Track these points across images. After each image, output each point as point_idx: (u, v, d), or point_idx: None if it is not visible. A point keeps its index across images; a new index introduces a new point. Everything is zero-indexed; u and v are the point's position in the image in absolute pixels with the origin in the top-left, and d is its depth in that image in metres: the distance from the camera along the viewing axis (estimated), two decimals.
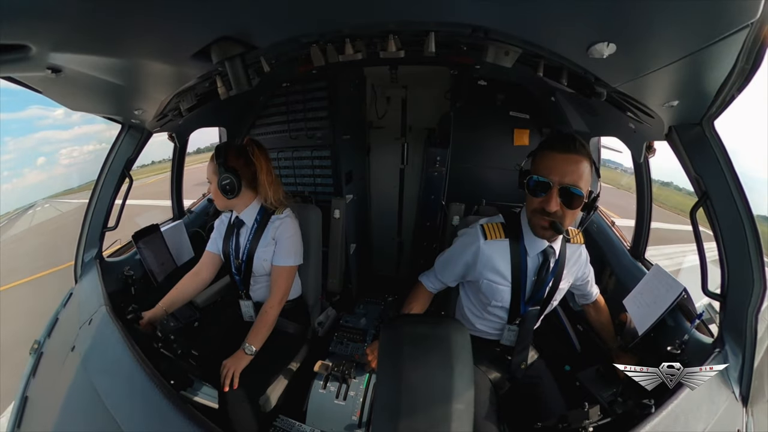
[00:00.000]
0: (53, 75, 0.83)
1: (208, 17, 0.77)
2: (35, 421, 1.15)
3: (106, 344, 1.12)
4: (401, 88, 2.70)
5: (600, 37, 0.74)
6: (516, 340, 1.39)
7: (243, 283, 1.70)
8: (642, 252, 1.70)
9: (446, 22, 0.89)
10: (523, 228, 1.30)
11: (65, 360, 1.19)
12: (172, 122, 1.66)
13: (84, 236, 1.59)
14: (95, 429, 0.92)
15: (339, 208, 2.26)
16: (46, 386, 1.23)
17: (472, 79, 2.16)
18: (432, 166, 2.43)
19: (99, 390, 0.97)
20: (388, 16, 0.89)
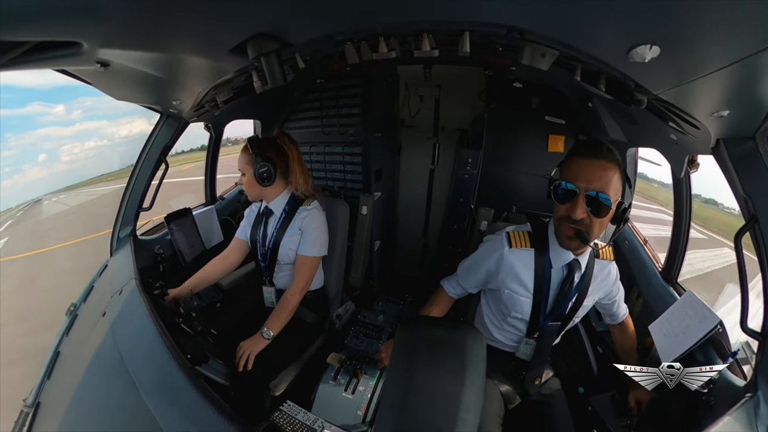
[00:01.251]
0: (102, 69, 0.90)
1: (245, 14, 0.81)
2: (64, 374, 1.25)
3: (132, 314, 1.20)
4: (435, 87, 2.68)
5: (642, 39, 0.69)
6: (532, 355, 1.34)
7: (267, 270, 1.77)
8: (675, 275, 1.57)
9: (481, 22, 0.87)
10: (550, 238, 1.25)
11: (96, 324, 1.29)
12: (208, 113, 1.75)
13: (121, 215, 1.72)
14: (116, 388, 0.99)
15: (367, 205, 2.30)
16: (77, 345, 1.34)
17: (507, 80, 2.10)
18: (463, 168, 2.38)
19: (123, 354, 1.05)
20: (422, 15, 0.89)
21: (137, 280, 1.38)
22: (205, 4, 0.75)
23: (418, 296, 2.23)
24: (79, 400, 1.05)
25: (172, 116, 1.67)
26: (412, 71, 2.59)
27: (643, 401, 1.30)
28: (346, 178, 2.54)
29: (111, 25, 0.71)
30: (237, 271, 1.95)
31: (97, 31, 0.71)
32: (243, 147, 1.66)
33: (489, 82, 2.29)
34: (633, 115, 1.42)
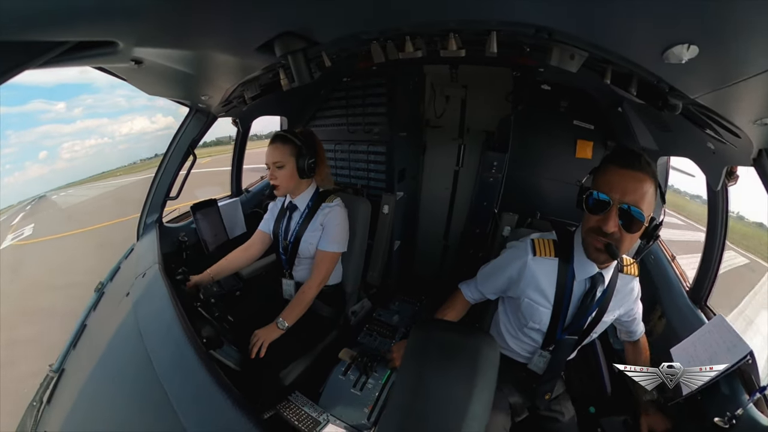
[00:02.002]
0: (135, 66, 0.97)
1: (272, 14, 0.83)
2: (88, 345, 1.34)
3: (153, 296, 1.26)
4: (461, 87, 2.63)
5: (679, 38, 0.65)
6: (545, 368, 1.30)
7: (288, 262, 1.81)
8: (704, 297, 1.46)
9: (508, 22, 0.84)
10: (575, 249, 1.20)
11: (120, 302, 1.36)
12: (236, 108, 1.81)
13: (148, 202, 1.82)
14: (133, 364, 1.04)
15: (389, 204, 2.30)
16: (102, 320, 1.42)
17: (535, 82, 2.04)
18: (488, 171, 2.33)
19: (142, 333, 1.10)
20: (448, 14, 0.88)
21: (160, 265, 1.45)
22: (234, 3, 0.77)
23: (435, 299, 2.20)
24: (98, 371, 1.12)
25: (201, 111, 1.74)
26: (439, 71, 2.57)
27: (658, 431, 1.23)
28: (370, 176, 2.55)
29: (145, 25, 0.75)
30: (258, 261, 2.00)
31: (132, 31, 0.76)
32: (281, 138, 1.68)
33: (516, 83, 2.23)
34: (666, 122, 1.33)
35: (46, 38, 0.58)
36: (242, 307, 1.79)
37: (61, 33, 0.60)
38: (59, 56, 0.62)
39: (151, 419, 0.88)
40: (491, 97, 2.56)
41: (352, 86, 2.39)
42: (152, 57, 0.97)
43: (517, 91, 2.23)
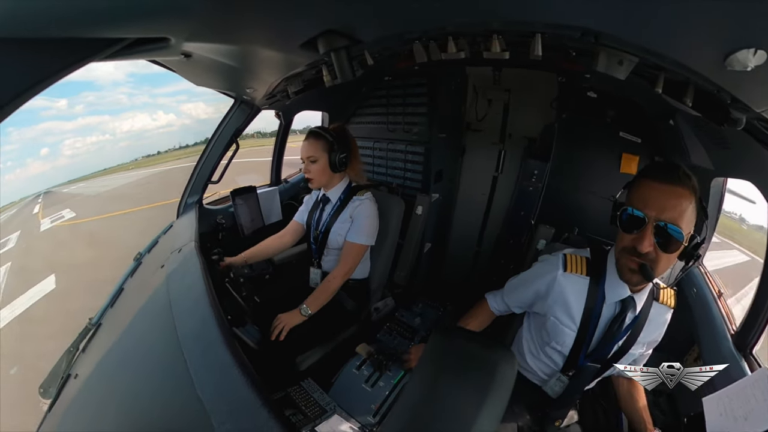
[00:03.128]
0: (185, 59, 1.04)
1: (316, 12, 0.85)
2: (123, 307, 1.45)
3: (186, 271, 1.34)
4: (504, 91, 2.53)
5: (745, 42, 0.58)
6: (561, 393, 1.22)
7: (317, 252, 1.89)
8: (751, 345, 1.26)
9: (553, 23, 0.80)
10: (608, 269, 1.12)
11: (155, 272, 1.47)
12: (279, 102, 1.90)
13: (190, 184, 1.96)
14: (160, 329, 1.11)
15: (423, 205, 2.29)
16: (137, 287, 1.55)
17: (581, 89, 1.92)
18: (527, 180, 2.24)
19: (171, 302, 1.17)
20: (492, 15, 0.86)
21: (196, 243, 1.54)
22: (279, 2, 0.80)
23: (460, 306, 2.15)
24: (129, 331, 1.22)
25: (245, 102, 1.85)
26: (481, 73, 2.49)
27: None
28: (406, 176, 2.54)
29: (194, 22, 0.81)
30: (290, 249, 2.09)
31: (183, 27, 0.81)
32: (314, 135, 1.76)
33: (561, 89, 2.10)
34: (725, 138, 1.18)
35: (109, 35, 0.64)
36: (270, 290, 1.88)
37: (121, 31, 0.66)
38: (119, 51, 0.69)
39: (169, 381, 0.94)
40: (535, 103, 2.44)
41: (393, 85, 2.40)
42: (200, 51, 1.04)
43: (562, 98, 2.10)
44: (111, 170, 21.01)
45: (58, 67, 0.57)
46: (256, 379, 0.86)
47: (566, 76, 1.98)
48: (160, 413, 0.88)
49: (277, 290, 1.93)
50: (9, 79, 0.50)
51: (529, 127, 2.52)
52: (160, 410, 0.89)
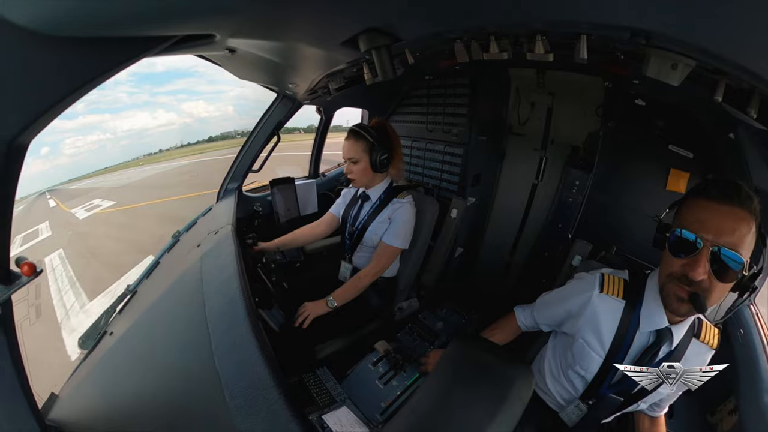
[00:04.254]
0: (230, 54, 1.11)
1: (358, 10, 0.86)
2: (158, 279, 1.56)
3: (220, 251, 1.42)
4: (548, 95, 2.38)
5: None
6: (577, 423, 1.15)
7: (350, 248, 1.91)
8: None
9: (600, 24, 0.75)
10: (646, 294, 1.03)
11: (190, 251, 1.58)
12: (320, 98, 1.96)
13: (232, 171, 2.08)
14: (189, 303, 1.18)
15: (458, 208, 2.25)
16: (173, 262, 1.66)
17: (628, 95, 1.76)
18: (568, 190, 2.11)
19: (203, 280, 1.25)
20: (535, 15, 0.82)
21: (233, 226, 1.63)
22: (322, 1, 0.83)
23: (486, 316, 2.07)
24: (161, 300, 1.32)
25: (288, 97, 1.93)
26: (525, 75, 2.37)
27: None
28: (443, 177, 2.51)
29: (239, 19, 0.85)
30: (322, 240, 2.15)
31: (228, 25, 0.86)
32: (355, 134, 1.74)
33: (608, 95, 1.94)
34: None
35: (160, 33, 0.70)
36: (299, 278, 1.95)
37: (171, 29, 0.72)
38: (168, 47, 0.76)
39: (191, 350, 1.01)
40: (579, 109, 2.27)
41: (434, 84, 2.37)
42: (244, 47, 1.10)
43: (608, 105, 1.95)
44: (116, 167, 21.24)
45: (115, 63, 0.63)
46: (273, 360, 0.89)
47: (613, 80, 1.83)
48: (178, 378, 0.95)
49: (306, 279, 2.00)
50: (70, 74, 0.56)
51: (573, 135, 2.36)
52: (179, 376, 0.95)
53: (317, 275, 2.04)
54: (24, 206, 17.52)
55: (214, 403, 0.81)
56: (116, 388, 1.05)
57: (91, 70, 0.60)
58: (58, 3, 0.49)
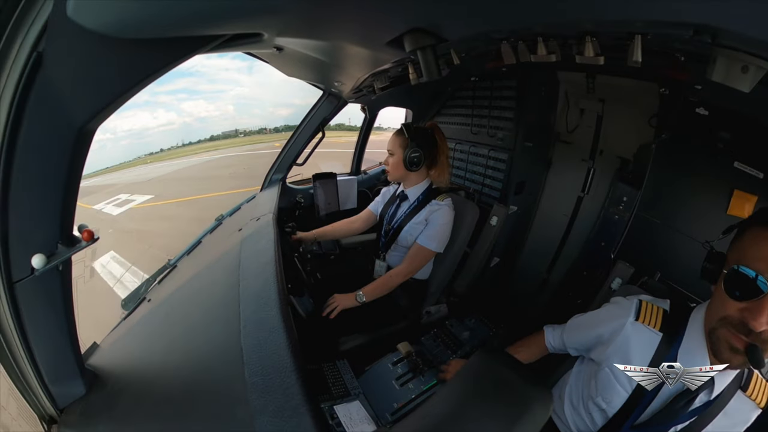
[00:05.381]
0: (277, 52, 1.17)
1: (403, 9, 0.86)
2: (197, 256, 1.68)
3: (260, 236, 1.50)
4: (598, 101, 2.19)
5: None
6: None
7: (385, 246, 1.92)
8: None
9: (657, 21, 0.68)
10: (688, 330, 0.92)
11: (231, 234, 1.68)
12: (365, 96, 1.99)
13: (277, 163, 2.20)
14: (225, 282, 1.25)
15: (498, 216, 2.17)
16: (214, 243, 1.78)
17: (687, 103, 1.54)
18: (614, 206, 1.95)
19: (241, 262, 1.32)
20: (583, 13, 0.76)
21: (274, 215, 1.71)
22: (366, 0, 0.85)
23: (513, 330, 1.98)
24: (199, 276, 1.43)
25: (333, 95, 1.99)
26: (574, 79, 2.20)
27: None
28: (485, 182, 2.44)
29: (285, 18, 0.89)
30: (358, 236, 2.19)
31: (275, 24, 0.91)
32: (398, 129, 1.80)
33: (663, 103, 1.73)
34: None
35: (210, 33, 0.76)
36: (332, 270, 2.01)
37: (221, 28, 0.77)
38: (218, 45, 0.82)
39: (220, 325, 1.07)
40: (632, 118, 2.05)
41: (480, 86, 2.30)
42: (291, 45, 1.15)
43: (664, 114, 1.74)
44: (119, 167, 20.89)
45: (169, 60, 0.70)
46: (296, 345, 0.92)
47: (671, 86, 1.63)
48: (204, 349, 1.02)
49: (339, 271, 2.05)
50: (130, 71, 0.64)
51: (624, 146, 2.15)
52: (205, 347, 1.02)
53: (350, 269, 2.09)
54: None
55: (233, 377, 0.85)
56: (148, 347, 1.16)
57: (149, 67, 0.67)
58: (122, 10, 0.56)
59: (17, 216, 0.64)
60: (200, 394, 0.87)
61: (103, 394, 0.91)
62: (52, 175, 0.64)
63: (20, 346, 0.74)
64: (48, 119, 0.60)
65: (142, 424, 0.85)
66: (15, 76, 0.54)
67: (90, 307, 3.48)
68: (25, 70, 0.54)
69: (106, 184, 17.04)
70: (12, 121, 0.56)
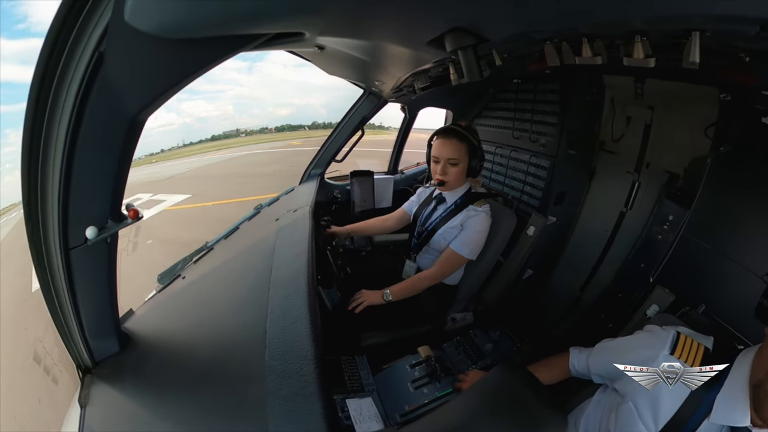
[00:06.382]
0: (319, 51, 1.19)
1: (444, 8, 0.85)
2: (234, 241, 1.76)
3: (295, 227, 1.55)
4: (647, 108, 1.97)
5: None
6: None
7: (417, 247, 1.92)
8: None
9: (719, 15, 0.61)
10: (730, 376, 0.83)
11: (268, 223, 1.76)
12: (405, 96, 1.99)
13: (316, 158, 2.28)
14: (257, 268, 1.30)
15: (536, 226, 2.08)
16: (251, 229, 1.86)
17: (753, 111, 1.34)
18: (659, 225, 1.76)
19: (275, 250, 1.37)
20: (633, 10, 0.69)
21: (311, 208, 1.77)
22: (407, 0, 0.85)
23: (538, 348, 1.92)
24: (233, 260, 1.50)
25: (373, 94, 2.01)
26: (621, 84, 2.00)
27: None
28: (524, 190, 2.34)
29: (327, 18, 0.92)
30: (390, 234, 2.20)
31: (316, 23, 0.93)
32: (457, 135, 1.67)
33: (724, 111, 1.52)
34: None
35: (253, 32, 0.80)
36: (362, 266, 2.03)
37: (263, 27, 0.81)
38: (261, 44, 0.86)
39: (248, 307, 1.12)
40: (685, 127, 1.82)
41: (522, 89, 2.20)
42: (332, 44, 1.18)
43: (723, 123, 1.53)
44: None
45: (214, 58, 0.75)
46: (319, 335, 0.94)
47: (733, 91, 1.43)
48: (229, 328, 1.08)
49: (369, 268, 2.07)
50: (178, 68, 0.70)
51: (674, 158, 1.92)
52: (231, 326, 1.09)
53: (380, 267, 2.10)
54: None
55: (253, 357, 0.90)
56: (177, 319, 1.25)
57: (195, 64, 0.73)
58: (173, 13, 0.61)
59: (77, 192, 0.73)
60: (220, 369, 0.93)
61: (133, 354, 1.03)
62: (107, 158, 0.73)
63: (69, 303, 0.86)
64: (106, 110, 0.67)
65: (164, 385, 0.94)
66: (80, 73, 0.62)
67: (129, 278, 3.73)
68: (89, 67, 0.61)
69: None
70: (77, 111, 0.65)
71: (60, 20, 0.58)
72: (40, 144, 0.68)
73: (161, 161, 18.72)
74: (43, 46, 0.60)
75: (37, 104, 0.64)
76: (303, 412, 0.75)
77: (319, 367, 0.83)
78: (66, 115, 0.65)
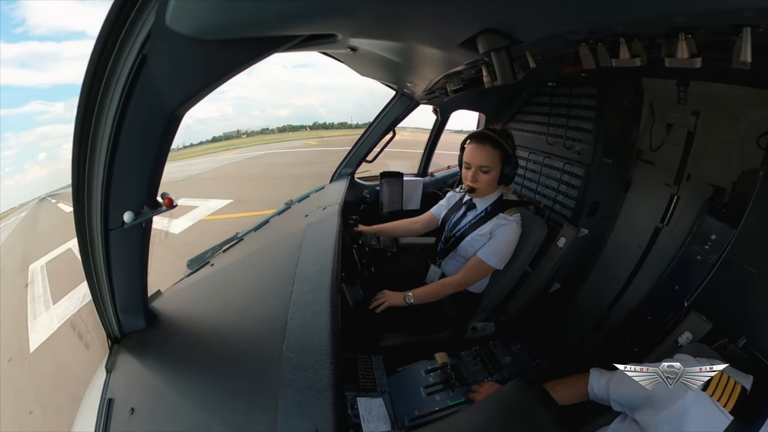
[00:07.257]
0: (351, 52, 1.21)
1: (476, 9, 0.84)
2: (263, 234, 1.82)
3: (324, 224, 1.58)
4: (690, 114, 1.78)
5: None
6: None
7: (443, 252, 1.88)
8: None
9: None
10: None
11: (298, 219, 1.81)
12: (437, 98, 1.97)
13: (347, 158, 2.31)
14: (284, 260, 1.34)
15: (566, 238, 1.98)
16: (280, 223, 1.93)
17: None
18: (698, 245, 1.59)
19: (303, 245, 1.41)
20: (674, 7, 0.64)
21: (340, 206, 1.80)
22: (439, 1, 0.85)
23: (558, 366, 1.83)
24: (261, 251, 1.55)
25: (406, 95, 2.01)
26: (662, 87, 1.81)
27: None
28: (557, 198, 2.24)
29: (359, 20, 0.93)
30: (417, 237, 2.18)
31: (349, 25, 0.94)
32: (491, 141, 1.62)
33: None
34: None
35: (288, 33, 0.83)
36: (386, 266, 2.03)
37: (297, 29, 0.83)
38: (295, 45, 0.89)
39: (272, 298, 1.16)
40: (733, 136, 1.61)
41: (557, 92, 2.11)
42: (365, 46, 1.19)
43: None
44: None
45: (248, 58, 0.78)
46: (338, 331, 0.95)
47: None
48: (251, 317, 1.12)
49: (393, 269, 2.06)
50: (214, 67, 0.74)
51: (720, 170, 1.72)
52: (253, 315, 1.13)
53: (404, 269, 2.08)
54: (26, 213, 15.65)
55: (272, 347, 0.93)
56: (202, 303, 1.32)
57: (230, 64, 0.77)
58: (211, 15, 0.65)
59: (118, 179, 0.81)
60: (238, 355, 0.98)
61: (158, 331, 1.12)
62: (147, 149, 0.80)
63: (105, 278, 0.96)
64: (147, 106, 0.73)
65: (183, 363, 1.02)
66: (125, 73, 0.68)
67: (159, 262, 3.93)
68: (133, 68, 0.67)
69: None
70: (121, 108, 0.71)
71: (108, 26, 0.64)
72: (89, 136, 0.75)
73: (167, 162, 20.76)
74: (93, 50, 0.67)
75: (87, 101, 0.71)
76: (314, 405, 0.76)
77: (334, 363, 0.85)
78: (112, 111, 0.71)
